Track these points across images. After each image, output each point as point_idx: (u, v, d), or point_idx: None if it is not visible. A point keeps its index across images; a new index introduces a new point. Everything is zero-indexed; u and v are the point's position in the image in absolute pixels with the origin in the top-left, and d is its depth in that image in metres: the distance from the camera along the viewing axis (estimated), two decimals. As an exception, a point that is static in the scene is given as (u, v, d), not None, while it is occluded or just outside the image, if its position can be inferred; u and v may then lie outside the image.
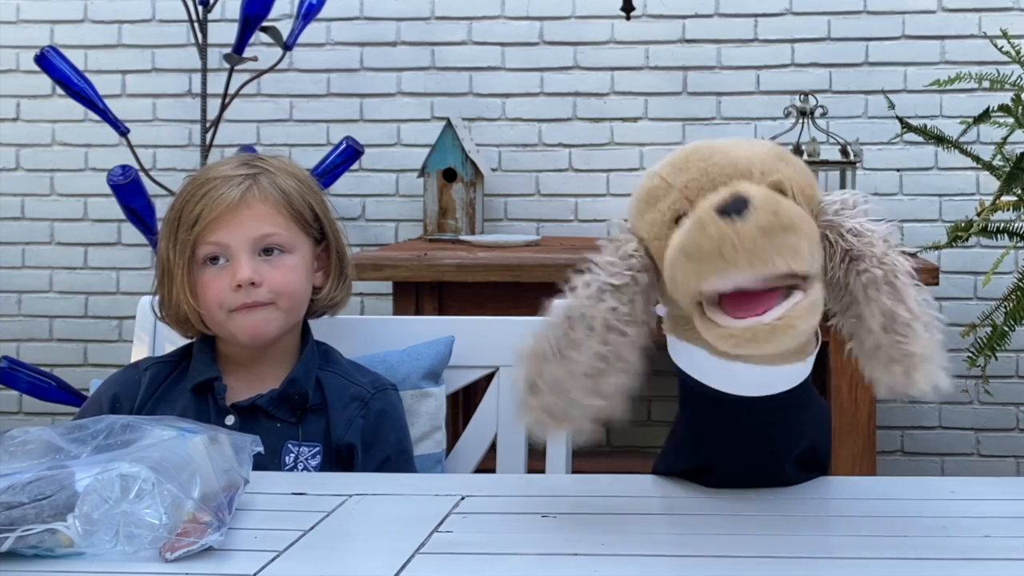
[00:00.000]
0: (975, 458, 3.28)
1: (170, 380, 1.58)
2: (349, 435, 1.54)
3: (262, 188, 1.56)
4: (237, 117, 3.32)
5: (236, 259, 1.53)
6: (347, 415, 1.55)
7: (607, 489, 1.30)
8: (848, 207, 1.16)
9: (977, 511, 1.20)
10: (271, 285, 1.54)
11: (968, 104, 3.16)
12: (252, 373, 1.58)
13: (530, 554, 1.08)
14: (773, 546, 1.10)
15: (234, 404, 1.54)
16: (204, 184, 1.55)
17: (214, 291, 1.53)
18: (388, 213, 3.42)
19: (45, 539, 1.04)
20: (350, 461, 1.54)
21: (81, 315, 3.49)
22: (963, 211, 3.15)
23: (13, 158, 3.50)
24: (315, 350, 1.61)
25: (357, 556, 1.08)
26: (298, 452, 1.52)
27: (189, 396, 1.55)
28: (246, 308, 1.53)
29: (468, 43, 3.39)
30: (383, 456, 1.55)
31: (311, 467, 1.52)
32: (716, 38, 3.33)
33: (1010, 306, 2.59)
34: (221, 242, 1.54)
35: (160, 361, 1.62)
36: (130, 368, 1.62)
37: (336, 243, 1.63)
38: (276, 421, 1.54)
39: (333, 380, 1.58)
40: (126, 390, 1.57)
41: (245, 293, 1.53)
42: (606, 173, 3.36)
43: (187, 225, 1.54)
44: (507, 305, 2.64)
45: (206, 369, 1.56)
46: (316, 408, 1.56)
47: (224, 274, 1.54)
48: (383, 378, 1.61)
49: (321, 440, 1.54)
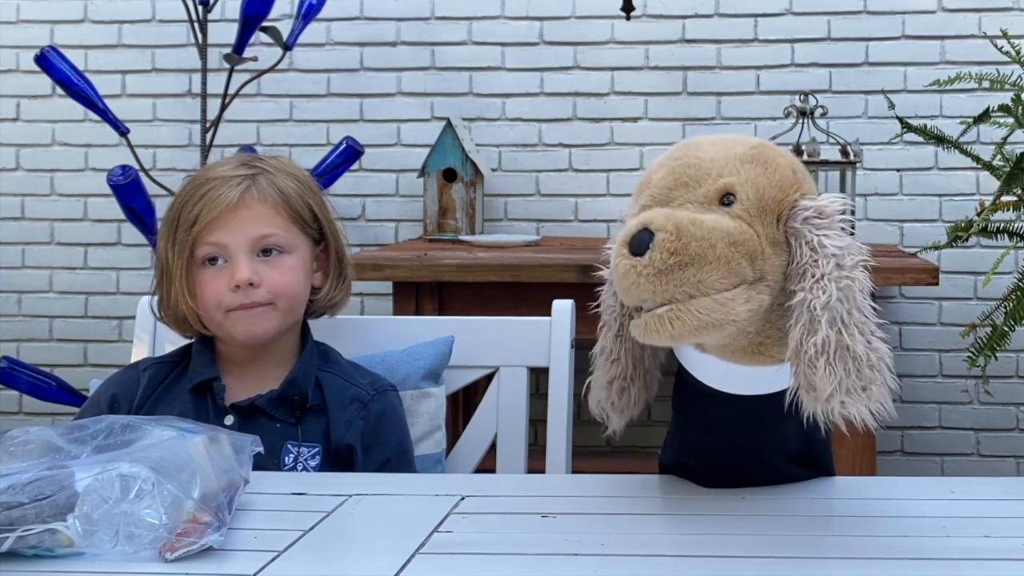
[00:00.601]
0: (975, 458, 3.28)
1: (169, 380, 1.58)
2: (349, 436, 1.54)
3: (261, 189, 1.56)
4: (237, 117, 3.32)
5: (235, 260, 1.53)
6: (347, 416, 1.55)
7: (607, 489, 1.30)
8: (822, 216, 1.14)
9: (977, 511, 1.20)
10: (270, 286, 1.54)
11: (968, 104, 3.16)
12: (251, 373, 1.58)
13: (530, 554, 1.08)
14: (773, 546, 1.10)
15: (233, 404, 1.54)
16: (203, 184, 1.55)
17: (212, 291, 1.53)
18: (388, 213, 3.42)
19: (45, 539, 1.04)
20: (349, 462, 1.54)
21: (81, 315, 3.49)
22: (963, 211, 3.15)
23: (13, 158, 3.50)
24: (315, 350, 1.61)
25: (357, 556, 1.08)
26: (298, 452, 1.52)
27: (188, 396, 1.55)
28: (244, 308, 1.53)
29: (468, 43, 3.39)
30: (383, 458, 1.55)
31: (310, 467, 1.52)
32: (716, 38, 3.33)
33: (1010, 306, 2.59)
34: (220, 243, 1.54)
35: (159, 361, 1.61)
36: (129, 368, 1.62)
37: (335, 243, 1.63)
38: (275, 421, 1.53)
39: (333, 381, 1.58)
40: (125, 390, 1.57)
41: (243, 294, 1.52)
42: (606, 173, 3.36)
43: (186, 225, 1.54)
44: (507, 305, 2.64)
45: (205, 369, 1.56)
46: (315, 409, 1.55)
47: (223, 274, 1.54)
48: (383, 379, 1.61)
49: (320, 441, 1.54)
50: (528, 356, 1.68)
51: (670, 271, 1.08)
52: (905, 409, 3.26)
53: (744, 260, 1.11)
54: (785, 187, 1.16)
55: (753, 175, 1.15)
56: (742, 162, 1.16)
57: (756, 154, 1.17)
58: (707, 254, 1.09)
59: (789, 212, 1.15)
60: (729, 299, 1.10)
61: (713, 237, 1.10)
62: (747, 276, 1.11)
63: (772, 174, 1.16)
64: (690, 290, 1.08)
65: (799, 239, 1.13)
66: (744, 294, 1.11)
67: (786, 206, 1.15)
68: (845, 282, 1.11)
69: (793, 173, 1.17)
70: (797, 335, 1.11)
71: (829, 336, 1.09)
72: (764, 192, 1.14)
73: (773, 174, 1.16)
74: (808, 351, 1.10)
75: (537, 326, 1.68)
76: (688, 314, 1.09)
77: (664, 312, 1.09)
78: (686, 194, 1.16)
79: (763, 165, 1.16)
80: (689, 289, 1.08)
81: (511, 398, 1.68)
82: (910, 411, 3.27)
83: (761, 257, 1.12)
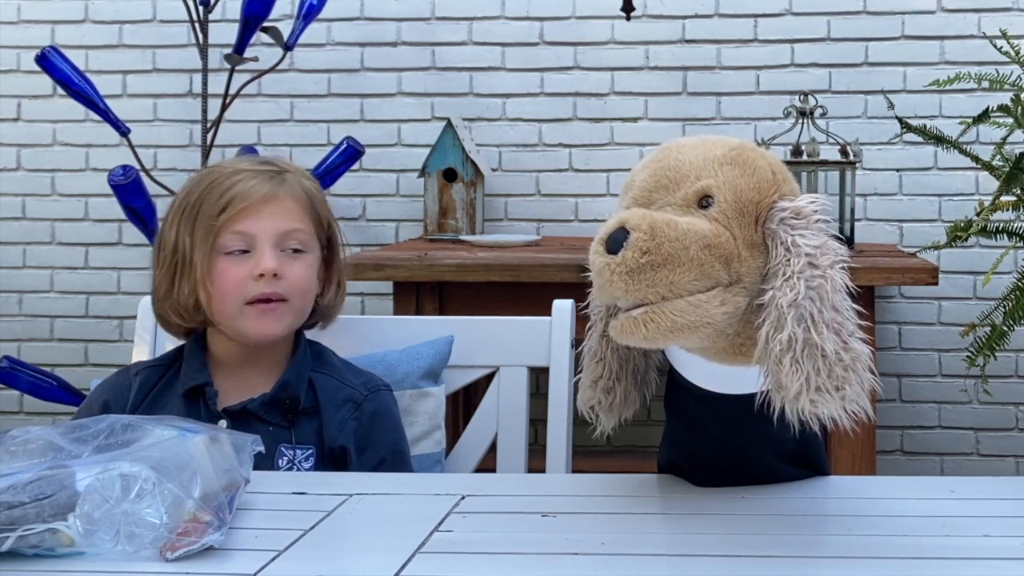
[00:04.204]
0: (975, 458, 3.28)
1: (161, 384, 1.57)
2: (342, 437, 1.54)
3: (290, 185, 1.57)
4: (238, 117, 3.33)
5: (260, 250, 1.53)
6: (339, 417, 1.55)
7: (607, 489, 1.30)
8: (799, 216, 1.14)
9: (977, 511, 1.21)
10: (290, 281, 1.54)
11: (968, 104, 3.16)
12: (243, 376, 1.57)
13: (530, 554, 1.08)
14: (772, 546, 1.10)
15: (225, 409, 1.53)
16: (233, 174, 1.55)
17: (233, 280, 1.53)
18: (388, 213, 3.42)
19: (46, 539, 1.04)
20: (344, 463, 1.53)
21: (82, 315, 3.49)
22: (963, 211, 3.15)
23: (14, 158, 3.50)
24: (307, 352, 1.60)
25: (357, 556, 1.08)
26: (292, 455, 1.52)
27: (180, 401, 1.54)
28: (262, 302, 1.53)
29: (468, 43, 3.40)
30: (378, 458, 1.55)
31: (305, 470, 1.52)
32: (716, 38, 3.33)
33: (1009, 306, 2.60)
34: (248, 232, 1.54)
35: (151, 365, 1.60)
36: (121, 373, 1.61)
37: (340, 252, 1.64)
38: (268, 425, 1.53)
39: (326, 382, 1.58)
40: (117, 395, 1.56)
41: (266, 283, 1.52)
42: (606, 173, 3.37)
43: (212, 213, 1.53)
44: (507, 305, 2.64)
45: (196, 374, 1.55)
46: (308, 411, 1.55)
47: (245, 264, 1.53)
48: (377, 378, 1.61)
49: (314, 443, 1.54)
50: (528, 356, 1.68)
51: (642, 270, 1.09)
52: (905, 409, 3.26)
53: (718, 263, 1.11)
54: (763, 189, 1.16)
55: (731, 177, 1.15)
56: (720, 164, 1.17)
57: (735, 156, 1.18)
58: (680, 256, 1.09)
59: (767, 213, 1.15)
60: (704, 301, 1.10)
61: (687, 239, 1.10)
62: (721, 279, 1.12)
63: (750, 176, 1.16)
64: (662, 291, 1.09)
65: (775, 240, 1.14)
66: (719, 296, 1.11)
67: (764, 208, 1.15)
68: (818, 280, 1.11)
69: (773, 175, 1.18)
70: (764, 332, 1.11)
71: (796, 333, 1.09)
72: (741, 194, 1.15)
73: (751, 176, 1.16)
74: (774, 348, 1.10)
75: (537, 326, 1.68)
76: (662, 316, 1.09)
77: (639, 314, 1.10)
78: (666, 196, 1.17)
79: (741, 167, 1.17)
80: (661, 290, 1.09)
81: (511, 398, 1.68)
82: (910, 411, 3.27)
83: (737, 260, 1.13)
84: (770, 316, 1.11)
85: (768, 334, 1.11)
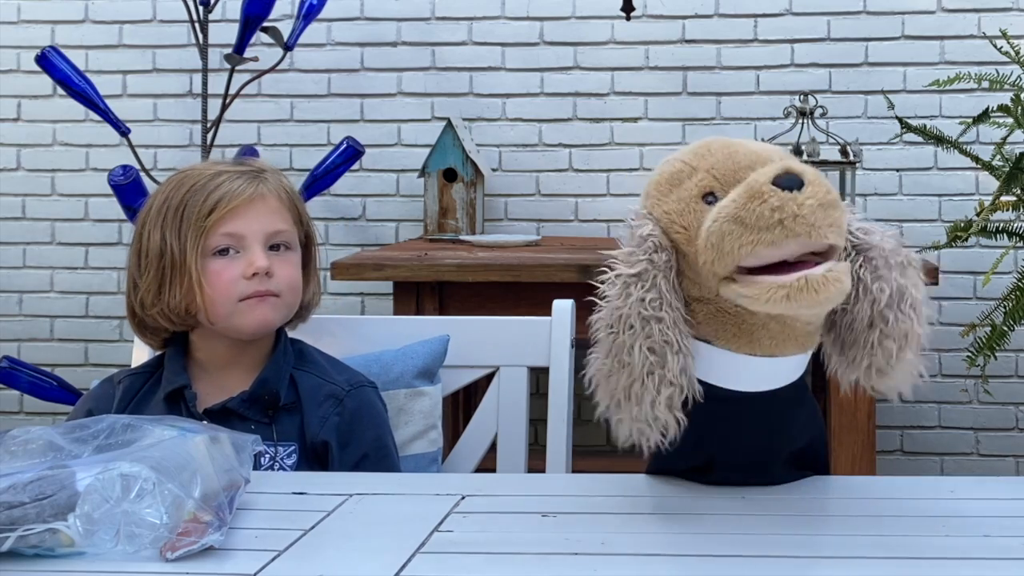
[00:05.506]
0: (975, 458, 3.29)
1: (144, 391, 1.58)
2: (323, 433, 1.54)
3: (272, 185, 1.59)
4: (238, 117, 3.32)
5: (250, 249, 1.54)
6: (321, 413, 1.55)
7: (607, 489, 1.30)
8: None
9: (977, 511, 1.21)
10: (281, 278, 1.55)
11: (967, 104, 3.16)
12: (224, 378, 1.57)
13: (530, 554, 1.08)
14: (772, 546, 1.10)
15: (206, 409, 1.54)
16: (215, 176, 1.56)
17: (225, 280, 1.53)
18: (388, 213, 3.42)
19: (46, 539, 1.04)
20: (326, 459, 1.53)
21: (82, 315, 3.49)
22: (963, 211, 3.15)
23: (14, 158, 3.50)
24: (288, 350, 1.60)
25: (357, 556, 1.08)
26: (274, 452, 1.52)
27: (162, 405, 1.54)
28: (258, 297, 1.53)
29: (468, 43, 3.40)
30: (360, 453, 1.55)
31: (287, 467, 1.52)
32: (716, 38, 3.33)
33: (1009, 306, 2.60)
34: (236, 232, 1.54)
35: (133, 373, 1.61)
36: (105, 383, 1.62)
37: (315, 249, 1.65)
38: (249, 422, 1.53)
39: (308, 379, 1.58)
40: (100, 404, 1.57)
41: (259, 281, 1.53)
42: (606, 173, 3.36)
43: (198, 215, 1.53)
44: (507, 305, 2.64)
45: (175, 378, 1.56)
46: (289, 407, 1.55)
47: (235, 264, 1.54)
48: (361, 376, 1.61)
49: (296, 439, 1.54)
50: (528, 356, 1.68)
51: (831, 206, 1.08)
52: (905, 409, 3.26)
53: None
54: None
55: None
56: (789, 156, 1.19)
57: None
58: (841, 203, 1.10)
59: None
60: (847, 269, 1.12)
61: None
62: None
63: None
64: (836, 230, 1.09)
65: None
66: (849, 267, 1.13)
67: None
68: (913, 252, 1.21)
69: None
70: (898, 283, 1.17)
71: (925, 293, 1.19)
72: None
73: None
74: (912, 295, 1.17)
75: (537, 326, 1.68)
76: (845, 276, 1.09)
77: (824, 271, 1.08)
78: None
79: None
80: (835, 229, 1.09)
81: (511, 398, 1.68)
82: (910, 411, 3.27)
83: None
84: (894, 269, 1.15)
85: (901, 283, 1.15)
